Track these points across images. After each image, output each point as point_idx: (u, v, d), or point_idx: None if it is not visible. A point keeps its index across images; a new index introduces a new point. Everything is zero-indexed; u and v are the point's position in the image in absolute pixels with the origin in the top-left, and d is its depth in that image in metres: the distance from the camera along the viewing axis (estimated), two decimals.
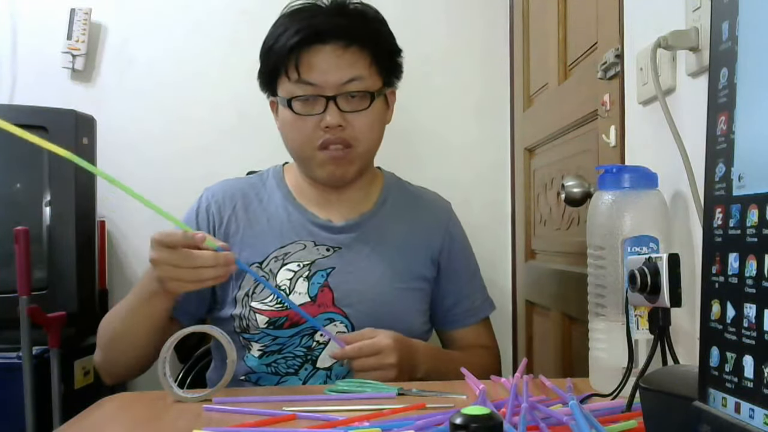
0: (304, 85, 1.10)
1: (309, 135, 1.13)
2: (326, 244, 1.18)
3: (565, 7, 1.51)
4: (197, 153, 2.01)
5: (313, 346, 1.13)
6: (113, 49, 2.05)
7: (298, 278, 1.15)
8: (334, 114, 1.10)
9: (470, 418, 0.51)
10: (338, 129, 1.11)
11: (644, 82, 1.02)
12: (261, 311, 1.13)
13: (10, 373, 1.53)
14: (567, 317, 1.50)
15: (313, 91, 1.10)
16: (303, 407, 0.80)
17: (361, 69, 1.12)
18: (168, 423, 0.81)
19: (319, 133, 1.12)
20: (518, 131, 1.94)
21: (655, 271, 0.73)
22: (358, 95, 1.12)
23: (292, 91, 1.13)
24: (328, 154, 1.13)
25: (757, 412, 0.42)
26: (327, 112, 1.10)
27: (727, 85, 0.47)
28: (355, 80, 1.11)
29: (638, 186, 0.88)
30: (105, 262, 1.95)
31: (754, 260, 0.43)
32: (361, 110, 1.12)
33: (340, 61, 1.10)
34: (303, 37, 1.09)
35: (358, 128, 1.12)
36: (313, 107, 1.11)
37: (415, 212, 1.26)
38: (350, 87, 1.11)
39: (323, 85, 1.10)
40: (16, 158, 1.76)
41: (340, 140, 1.12)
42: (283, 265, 1.16)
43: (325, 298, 1.14)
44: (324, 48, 1.10)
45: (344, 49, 1.10)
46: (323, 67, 1.10)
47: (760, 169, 0.43)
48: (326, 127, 1.10)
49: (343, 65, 1.10)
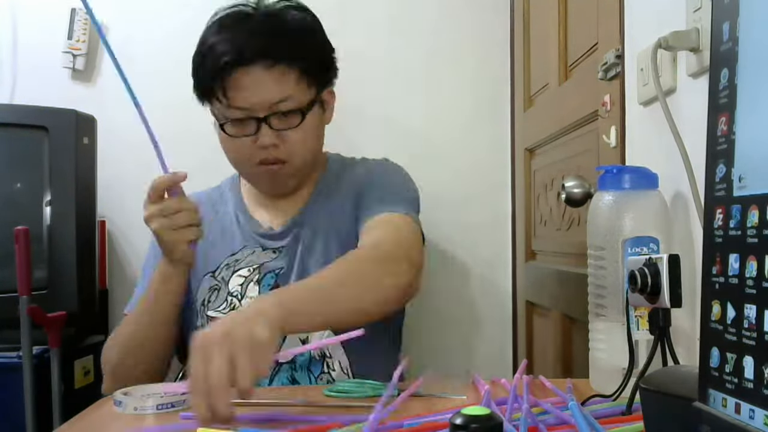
0: (234, 109, 1.10)
1: (245, 154, 1.14)
2: (272, 248, 1.21)
3: (565, 7, 1.51)
4: (198, 153, 2.00)
5: None
6: (114, 49, 2.04)
7: (249, 282, 1.17)
8: (267, 134, 1.10)
9: (470, 418, 0.51)
10: (272, 147, 1.12)
11: (645, 82, 1.02)
12: (216, 319, 1.12)
13: (10, 373, 1.52)
14: (567, 318, 1.50)
15: (244, 114, 1.11)
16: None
17: (289, 88, 1.10)
18: (169, 422, 0.81)
19: (255, 151, 1.13)
20: (518, 131, 1.94)
21: (655, 272, 0.73)
22: (289, 113, 1.11)
23: (223, 112, 1.13)
24: (264, 170, 1.15)
25: (757, 412, 0.42)
26: (259, 133, 1.11)
27: (728, 86, 0.47)
28: (285, 100, 1.10)
29: (638, 186, 0.88)
30: (105, 262, 1.95)
31: (754, 261, 0.43)
32: (294, 127, 1.12)
33: (267, 83, 1.09)
34: (227, 61, 1.08)
35: (292, 144, 1.13)
36: (246, 128, 1.12)
37: (346, 183, 1.24)
38: (280, 107, 1.10)
39: (252, 107, 1.10)
40: (16, 158, 1.75)
41: (274, 159, 1.13)
42: (234, 272, 1.19)
43: None
44: (249, 69, 1.08)
45: (269, 69, 1.09)
46: (250, 90, 1.09)
47: (760, 170, 0.43)
48: (261, 147, 1.12)
49: (270, 86, 1.09)
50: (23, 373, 1.46)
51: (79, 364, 1.74)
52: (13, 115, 1.78)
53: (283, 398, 0.89)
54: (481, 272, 2.03)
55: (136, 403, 0.84)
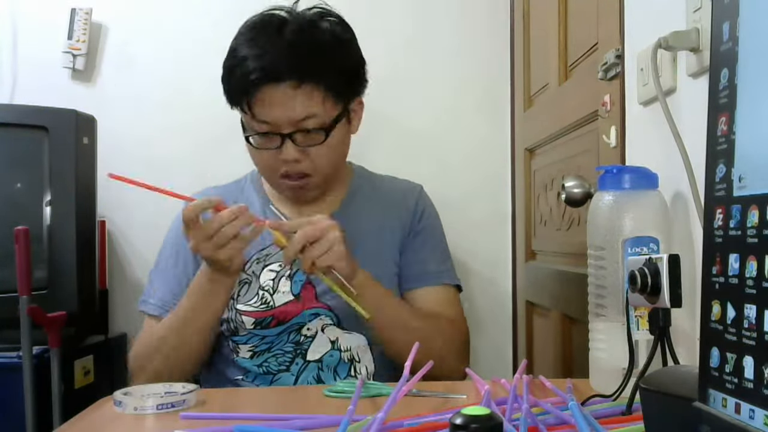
0: (260, 122, 1.12)
1: (269, 165, 1.16)
2: None
3: (565, 7, 1.51)
4: (198, 153, 2.01)
5: (301, 340, 1.16)
6: (114, 49, 2.05)
7: (281, 277, 1.18)
8: (290, 150, 1.12)
9: (470, 418, 0.51)
10: (295, 162, 1.13)
11: (645, 82, 1.02)
12: (247, 313, 1.16)
13: (10, 373, 1.52)
14: (567, 318, 1.50)
15: (269, 128, 1.12)
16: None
17: (314, 106, 1.11)
18: (169, 422, 0.81)
19: (279, 163, 1.15)
20: (518, 131, 1.94)
21: (655, 272, 0.73)
22: (313, 131, 1.13)
23: (249, 123, 1.15)
24: (288, 183, 1.17)
25: (757, 412, 0.42)
26: (283, 148, 1.12)
27: (728, 86, 0.47)
28: (310, 118, 1.11)
29: (639, 186, 0.88)
30: (105, 262, 1.95)
31: (754, 261, 0.43)
32: (317, 145, 1.14)
33: (294, 100, 1.10)
34: (256, 77, 1.09)
35: (315, 159, 1.15)
36: (270, 142, 1.14)
37: (384, 200, 1.29)
38: (305, 124, 1.12)
39: (278, 123, 1.11)
40: (16, 158, 1.75)
41: (298, 173, 1.15)
42: (264, 266, 1.19)
43: (308, 294, 1.17)
44: (277, 87, 1.09)
45: (297, 87, 1.10)
46: (277, 107, 1.10)
47: (760, 170, 0.43)
48: (284, 160, 1.14)
49: (296, 104, 1.10)
50: (23, 373, 1.46)
51: (79, 364, 1.74)
52: (13, 115, 1.78)
53: (284, 399, 0.89)
54: (481, 272, 2.03)
55: (136, 403, 0.84)
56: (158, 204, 1.98)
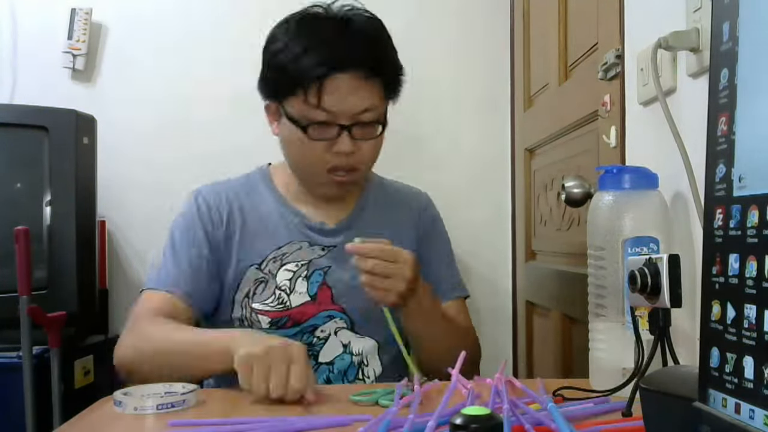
0: (322, 111, 1.10)
1: (318, 157, 1.14)
2: (321, 245, 1.21)
3: (565, 7, 1.51)
4: (198, 153, 2.01)
5: (314, 342, 1.16)
6: (114, 49, 2.05)
7: (297, 278, 1.18)
8: (347, 142, 1.11)
9: (470, 418, 0.51)
10: (348, 155, 1.13)
11: (645, 82, 1.02)
12: (263, 312, 1.16)
13: (10, 373, 1.52)
14: (567, 318, 1.50)
15: (329, 117, 1.11)
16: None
17: (375, 99, 1.13)
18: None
19: (328, 156, 1.13)
20: (518, 131, 1.94)
21: (655, 272, 0.73)
22: (369, 124, 1.14)
23: (305, 113, 1.12)
24: (335, 177, 1.15)
25: (757, 412, 0.42)
26: (340, 139, 1.11)
27: (728, 86, 0.47)
28: (369, 111, 1.12)
29: (639, 186, 0.88)
30: (105, 262, 1.95)
31: (754, 261, 0.43)
32: (372, 138, 1.15)
33: (358, 92, 1.11)
34: (329, 66, 1.09)
35: (366, 153, 1.15)
36: (326, 132, 1.12)
37: (396, 206, 1.30)
38: (364, 117, 1.12)
39: (340, 113, 1.11)
40: (17, 158, 1.75)
41: (348, 166, 1.14)
42: (281, 265, 1.18)
43: (324, 296, 1.17)
44: (343, 77, 1.10)
45: (363, 79, 1.11)
46: (342, 97, 1.10)
47: (760, 170, 0.43)
48: (337, 152, 1.12)
49: (360, 96, 1.11)
50: (23, 373, 1.46)
51: (79, 364, 1.74)
52: (13, 115, 1.78)
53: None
54: (481, 272, 2.03)
55: (136, 403, 0.84)
56: (158, 204, 2.00)
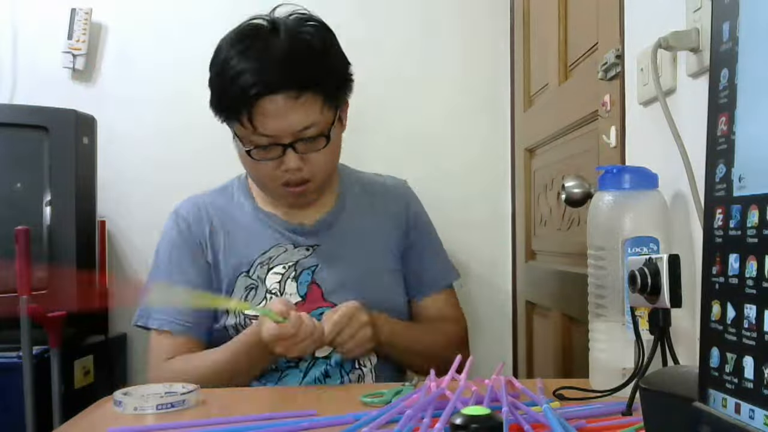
0: (260, 135, 1.12)
1: (270, 175, 1.16)
2: (304, 245, 1.23)
3: (565, 7, 1.51)
4: (198, 153, 2.01)
5: None
6: (114, 49, 2.05)
7: (286, 280, 1.20)
8: (293, 159, 1.13)
9: (470, 418, 0.51)
10: (297, 171, 1.15)
11: (645, 82, 1.02)
12: (257, 318, 1.15)
13: (10, 373, 1.52)
14: (567, 318, 1.50)
15: (270, 140, 1.12)
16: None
17: (314, 115, 1.12)
18: (169, 422, 0.81)
19: (279, 173, 1.15)
20: (518, 131, 1.94)
21: (655, 272, 0.73)
22: (313, 138, 1.14)
23: (246, 136, 1.14)
24: (289, 191, 1.18)
25: (757, 412, 0.42)
26: (285, 157, 1.13)
27: (728, 86, 0.47)
28: (311, 127, 1.13)
29: (638, 186, 0.88)
30: (105, 262, 1.95)
31: (754, 261, 0.43)
32: (318, 150, 1.15)
33: (293, 111, 1.11)
34: (255, 91, 1.09)
35: (316, 165, 1.16)
36: (270, 153, 1.14)
37: (376, 201, 1.31)
38: (306, 133, 1.13)
39: (279, 135, 1.12)
40: (17, 158, 1.75)
41: (299, 179, 1.16)
42: (269, 269, 1.20)
43: (314, 295, 1.20)
44: (275, 98, 1.10)
45: (296, 98, 1.10)
46: (277, 118, 1.10)
47: (760, 170, 0.43)
48: (285, 170, 1.14)
49: (296, 115, 1.11)
50: (23, 373, 1.46)
51: (79, 364, 1.74)
52: (13, 115, 1.78)
53: (284, 399, 0.89)
54: (481, 272, 2.03)
55: (136, 403, 0.84)
56: (158, 204, 1.99)
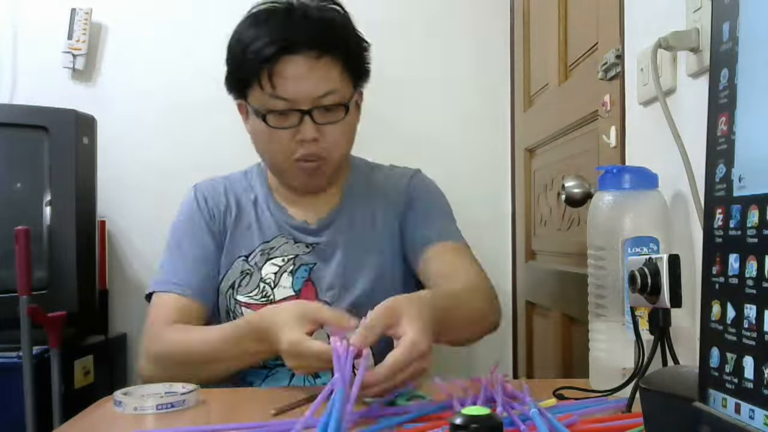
0: (278, 99, 1.09)
1: (284, 147, 1.12)
2: (304, 242, 1.21)
3: (565, 7, 1.51)
4: (198, 153, 2.01)
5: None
6: (114, 49, 2.05)
7: (283, 272, 1.18)
8: (310, 128, 1.09)
9: (470, 418, 0.51)
10: (313, 143, 1.10)
11: (645, 82, 1.02)
12: (246, 304, 1.16)
13: (10, 373, 1.52)
14: (567, 318, 1.50)
15: (288, 105, 1.09)
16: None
17: (334, 81, 1.10)
18: (169, 422, 0.81)
19: (293, 145, 1.11)
20: (518, 131, 1.94)
21: (655, 272, 0.73)
22: (332, 107, 1.11)
23: (265, 103, 1.11)
24: (302, 167, 1.13)
25: (757, 412, 0.42)
26: (302, 125, 1.09)
27: (728, 86, 0.47)
28: (330, 93, 1.09)
29: (638, 186, 0.88)
30: (105, 262, 1.95)
31: (754, 261, 0.43)
32: (336, 122, 1.11)
33: (314, 74, 1.08)
34: (275, 49, 1.06)
35: (332, 140, 1.12)
36: (288, 120, 1.10)
37: (379, 190, 1.26)
38: (325, 101, 1.09)
39: (298, 99, 1.08)
40: (17, 158, 1.75)
41: (314, 155, 1.12)
42: (268, 259, 1.19)
43: (308, 292, 1.17)
44: (296, 59, 1.07)
45: (316, 59, 1.08)
46: (297, 81, 1.07)
47: (760, 170, 0.43)
48: (301, 140, 1.10)
49: (316, 78, 1.08)
50: (23, 373, 1.46)
51: (79, 364, 1.74)
52: (13, 115, 1.78)
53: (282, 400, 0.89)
54: None
55: (136, 403, 0.84)
56: (158, 204, 1.99)
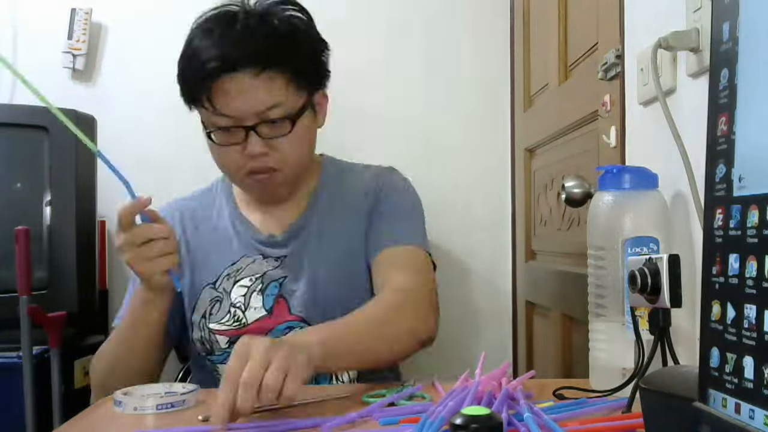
0: (221, 116, 1.06)
1: (234, 162, 1.10)
2: (273, 256, 1.18)
3: (565, 7, 1.51)
4: (198, 153, 1.99)
5: None
6: (114, 49, 2.05)
7: (252, 293, 1.15)
8: (256, 143, 1.06)
9: (470, 418, 0.51)
10: (262, 156, 1.08)
11: (645, 82, 1.02)
12: (220, 332, 1.15)
13: (10, 373, 1.52)
14: (567, 317, 1.50)
15: (232, 122, 1.06)
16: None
17: (278, 94, 1.06)
18: (169, 422, 0.81)
19: (244, 159, 1.09)
20: (518, 131, 1.94)
21: (655, 272, 0.74)
22: (278, 121, 1.07)
23: (209, 119, 1.09)
24: (255, 179, 1.11)
25: (757, 412, 0.42)
26: (248, 141, 1.06)
27: (728, 86, 0.47)
28: (275, 107, 1.06)
29: (638, 186, 0.88)
30: (105, 262, 1.95)
31: (754, 261, 0.43)
32: (284, 135, 1.08)
33: (255, 90, 1.04)
34: (212, 67, 1.03)
35: (282, 152, 1.09)
36: (233, 137, 1.08)
37: (349, 193, 1.22)
38: (270, 114, 1.06)
39: (241, 116, 1.05)
40: (17, 158, 1.75)
41: (265, 168, 1.09)
42: (235, 282, 1.16)
43: (280, 308, 1.14)
44: (236, 76, 1.04)
45: (257, 75, 1.04)
46: (238, 98, 1.04)
47: (760, 170, 0.43)
48: (249, 155, 1.08)
49: (258, 93, 1.04)
50: (23, 373, 1.46)
51: (79, 364, 1.74)
52: (13, 115, 1.78)
53: None
54: (481, 272, 2.03)
55: (136, 403, 0.84)
56: (158, 204, 1.99)
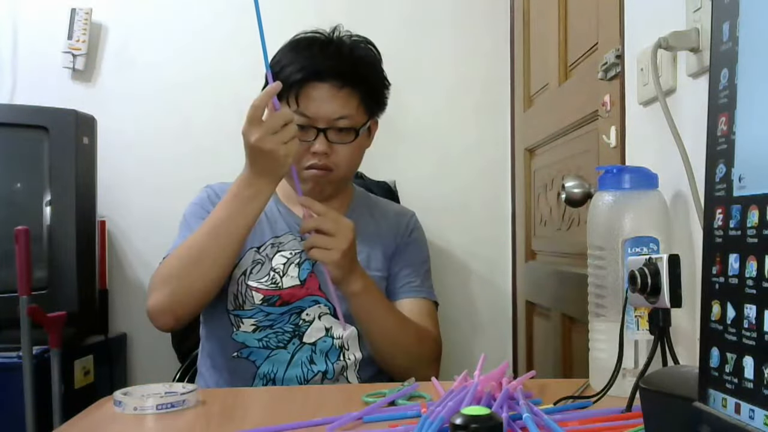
0: (301, 115, 1.23)
1: (300, 154, 1.24)
2: None
3: (565, 7, 1.52)
4: (198, 153, 2.01)
5: (300, 323, 1.26)
6: (114, 49, 2.05)
7: (291, 264, 1.29)
8: (322, 143, 1.25)
9: (470, 418, 0.51)
10: (323, 156, 1.25)
11: (645, 82, 1.02)
12: (257, 289, 1.26)
13: (10, 373, 1.53)
14: (567, 318, 1.50)
15: (307, 122, 1.24)
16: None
17: (350, 108, 1.26)
18: (169, 422, 0.81)
19: (307, 156, 1.26)
20: (518, 131, 1.94)
21: (655, 272, 0.73)
22: (344, 130, 1.26)
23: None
24: (310, 174, 1.27)
25: (757, 412, 0.42)
26: (317, 141, 1.25)
27: (728, 86, 0.47)
28: (344, 118, 1.25)
29: (638, 186, 0.88)
30: (105, 262, 1.95)
31: (754, 261, 0.43)
32: (346, 143, 1.27)
33: (334, 100, 1.24)
34: (305, 75, 1.23)
35: (340, 156, 1.27)
36: (305, 134, 1.25)
37: (378, 218, 1.41)
38: (339, 123, 1.25)
39: (317, 117, 1.24)
40: (17, 158, 1.75)
41: (323, 166, 1.26)
42: (278, 251, 1.30)
43: (312, 283, 1.28)
44: (322, 85, 1.24)
45: (339, 89, 1.24)
46: (318, 103, 1.24)
47: (760, 170, 0.43)
48: (314, 152, 1.25)
49: (335, 103, 1.24)
50: (23, 373, 1.46)
51: (79, 364, 1.74)
52: (13, 115, 1.78)
53: (282, 400, 0.89)
54: (481, 272, 2.03)
55: (136, 403, 0.84)
56: (158, 204, 2.00)
